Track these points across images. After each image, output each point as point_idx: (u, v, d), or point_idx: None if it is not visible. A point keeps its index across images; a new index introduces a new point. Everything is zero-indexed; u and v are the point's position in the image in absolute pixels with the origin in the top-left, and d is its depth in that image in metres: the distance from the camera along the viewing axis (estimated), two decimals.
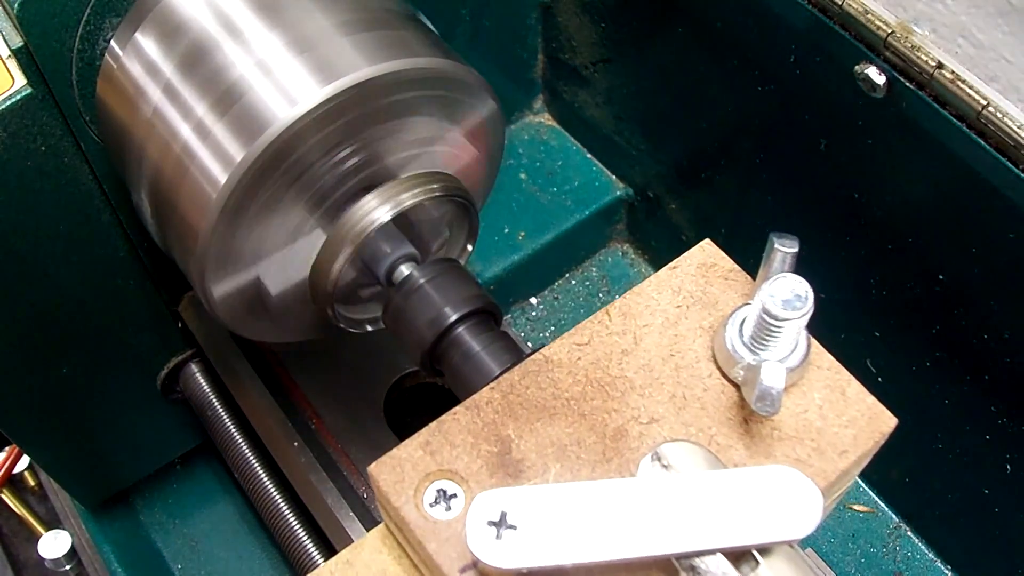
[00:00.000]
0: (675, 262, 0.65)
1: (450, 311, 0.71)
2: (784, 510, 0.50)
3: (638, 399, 0.59)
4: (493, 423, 0.58)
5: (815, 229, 1.03)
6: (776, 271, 0.56)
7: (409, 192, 0.72)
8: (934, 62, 0.78)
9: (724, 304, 0.63)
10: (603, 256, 1.39)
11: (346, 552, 0.60)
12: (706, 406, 0.59)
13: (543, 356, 0.61)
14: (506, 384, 0.60)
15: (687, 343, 0.61)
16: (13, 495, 1.30)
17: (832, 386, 0.60)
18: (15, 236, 0.82)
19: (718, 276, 0.65)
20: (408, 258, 0.75)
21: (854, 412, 0.59)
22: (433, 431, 0.58)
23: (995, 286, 0.86)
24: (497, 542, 0.49)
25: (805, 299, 0.54)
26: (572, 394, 0.59)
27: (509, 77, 1.35)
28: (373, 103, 0.69)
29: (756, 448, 0.57)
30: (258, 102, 0.67)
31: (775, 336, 0.56)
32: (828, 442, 0.58)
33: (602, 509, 0.50)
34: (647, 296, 0.64)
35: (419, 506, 0.55)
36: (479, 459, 0.57)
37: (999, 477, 0.96)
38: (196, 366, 1.09)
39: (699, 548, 0.50)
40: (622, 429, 0.58)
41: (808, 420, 0.58)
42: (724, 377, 0.60)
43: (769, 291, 0.54)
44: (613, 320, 0.63)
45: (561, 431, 0.58)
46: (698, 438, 0.58)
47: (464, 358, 0.71)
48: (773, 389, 0.54)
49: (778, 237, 0.56)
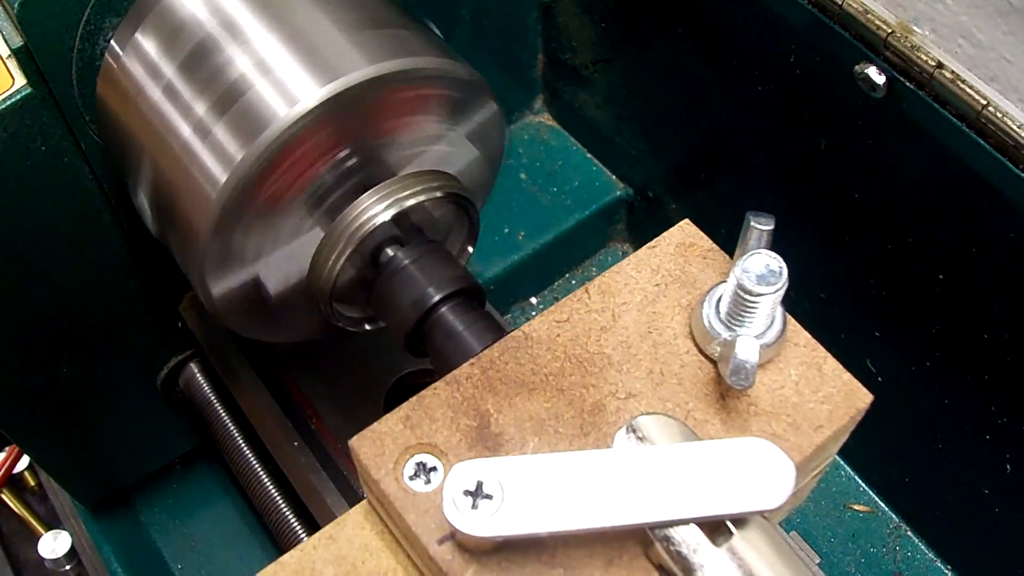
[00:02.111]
0: (654, 241, 0.66)
1: (433, 291, 0.72)
2: (757, 482, 0.51)
3: (616, 375, 0.60)
4: (472, 398, 0.59)
5: (815, 229, 1.03)
6: (752, 247, 0.56)
7: (410, 192, 0.72)
8: (934, 62, 0.78)
9: (702, 282, 0.64)
10: (603, 256, 1.39)
11: (329, 527, 0.61)
12: (683, 382, 0.60)
13: (523, 333, 0.61)
14: (486, 360, 0.60)
15: (665, 320, 0.62)
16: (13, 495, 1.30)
17: (808, 363, 0.60)
18: (15, 236, 0.82)
19: (697, 255, 0.65)
20: (393, 240, 0.75)
21: (830, 388, 0.59)
22: (413, 405, 0.58)
23: (995, 286, 0.86)
24: (473, 512, 0.50)
25: (779, 274, 0.55)
26: (551, 370, 0.60)
27: (509, 77, 1.35)
28: (373, 103, 0.69)
29: (732, 423, 0.58)
30: (258, 102, 0.67)
31: (751, 312, 0.57)
32: (804, 417, 0.58)
33: (577, 479, 0.51)
34: (626, 274, 0.64)
35: (399, 479, 0.56)
36: (458, 433, 0.57)
37: (999, 477, 0.96)
38: (196, 366, 1.09)
39: (673, 518, 0.50)
40: (600, 404, 0.59)
41: (784, 396, 0.59)
42: (701, 353, 0.61)
43: (743, 267, 0.55)
44: (592, 298, 0.63)
45: (539, 406, 0.58)
46: (675, 413, 0.58)
47: (447, 337, 0.71)
48: (747, 363, 0.54)
49: (754, 215, 0.57)
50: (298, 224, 0.73)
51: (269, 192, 0.69)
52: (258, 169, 0.67)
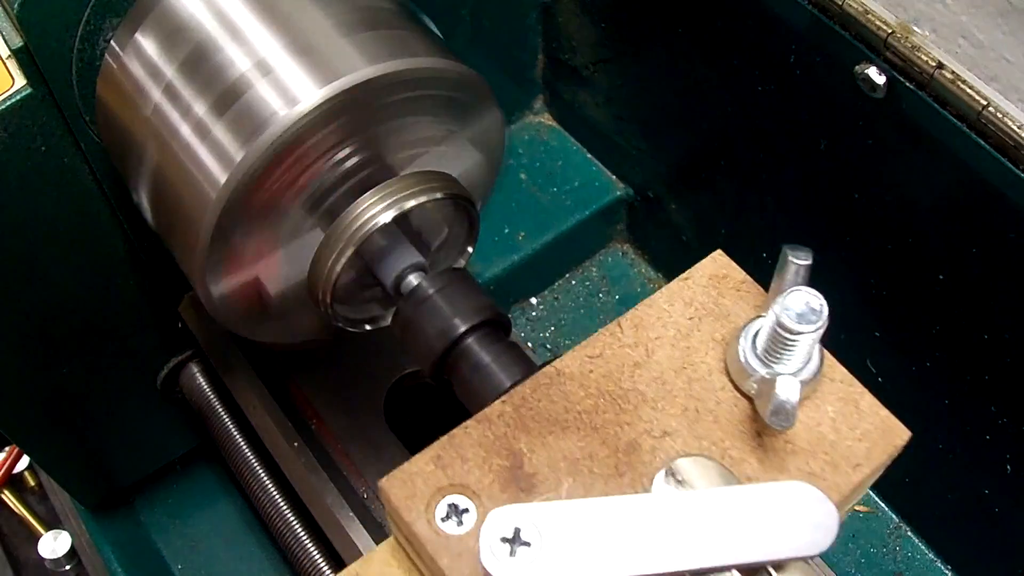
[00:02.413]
0: (687, 273, 0.65)
1: (459, 322, 0.70)
2: (799, 526, 0.50)
3: (651, 412, 0.59)
4: (505, 436, 0.57)
5: (815, 229, 1.03)
6: (790, 283, 0.55)
7: (410, 192, 0.72)
8: (934, 62, 0.78)
9: (736, 316, 0.62)
10: (603, 256, 1.39)
11: (355, 566, 0.59)
12: (719, 419, 0.58)
13: (555, 369, 0.60)
14: (518, 397, 0.59)
15: (699, 355, 0.61)
16: (13, 495, 1.30)
17: (845, 399, 0.59)
18: (15, 236, 0.82)
19: (730, 287, 0.64)
20: (416, 267, 0.75)
21: (867, 425, 0.58)
22: (444, 445, 0.57)
23: (995, 286, 0.86)
24: (511, 559, 0.49)
25: (820, 313, 0.54)
26: (584, 407, 0.59)
27: (509, 77, 1.35)
28: (373, 103, 0.69)
29: (769, 462, 0.57)
30: (258, 102, 0.67)
31: (789, 349, 0.56)
32: (842, 455, 0.57)
33: (617, 526, 0.50)
34: (659, 308, 0.63)
35: (431, 521, 0.54)
36: (491, 473, 0.56)
37: (999, 477, 0.96)
38: (196, 366, 1.09)
39: (714, 564, 0.50)
40: (635, 443, 0.57)
41: (821, 433, 0.58)
42: (737, 390, 0.59)
43: (783, 304, 0.54)
44: (625, 332, 0.62)
45: (573, 445, 0.57)
46: (711, 451, 0.57)
47: (473, 370, 0.70)
48: (788, 403, 0.53)
49: (791, 249, 0.56)
50: (298, 225, 0.73)
51: (269, 192, 0.69)
52: (258, 169, 0.67)
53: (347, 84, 0.67)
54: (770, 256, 1.13)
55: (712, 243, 1.25)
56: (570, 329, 1.32)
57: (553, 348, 1.30)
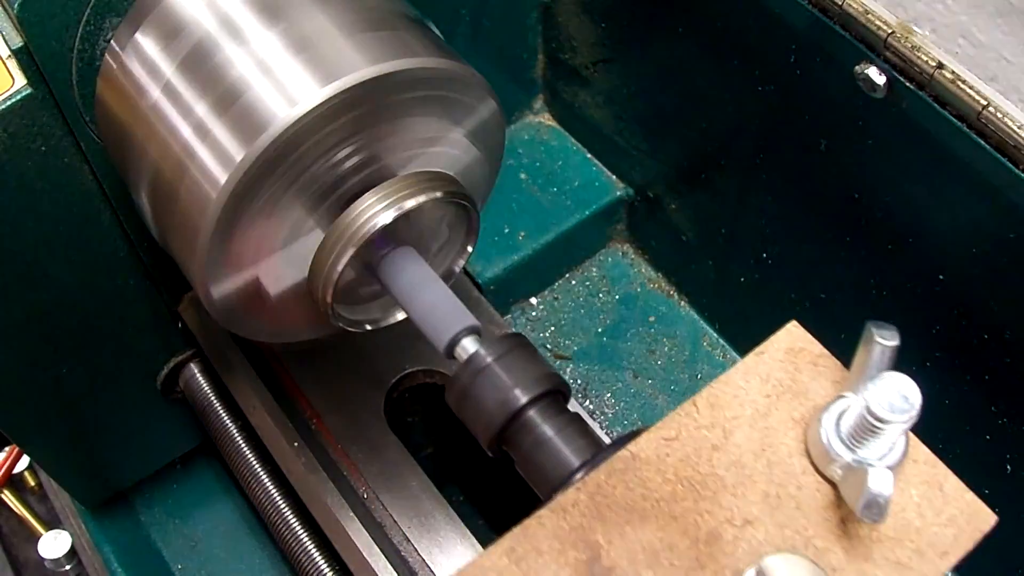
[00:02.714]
0: (761, 347, 0.62)
1: (520, 393, 0.68)
2: None
3: (730, 499, 0.56)
4: (580, 527, 0.55)
5: (815, 229, 1.03)
6: (875, 365, 0.54)
7: (410, 192, 0.72)
8: (934, 62, 0.78)
9: (815, 393, 0.60)
10: (603, 256, 1.39)
11: None
12: (801, 505, 0.56)
13: (630, 453, 0.58)
14: (592, 484, 0.57)
15: (778, 436, 0.59)
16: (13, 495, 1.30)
17: (930, 481, 0.58)
18: (15, 236, 0.82)
19: (807, 362, 0.62)
20: (471, 330, 0.72)
21: (953, 510, 0.56)
22: (517, 537, 0.54)
23: (995, 286, 0.86)
24: None
25: (913, 402, 0.52)
26: (662, 494, 0.56)
27: (509, 77, 1.35)
28: (373, 103, 0.69)
29: (855, 551, 0.55)
30: (258, 102, 0.67)
31: (878, 437, 0.54)
32: (928, 542, 0.55)
33: None
34: (735, 385, 0.61)
35: None
36: (567, 567, 0.53)
37: (999, 477, 0.96)
38: (196, 366, 1.09)
39: None
40: (715, 532, 0.55)
41: (907, 519, 0.56)
42: (818, 473, 0.57)
43: (875, 391, 0.52)
44: (700, 412, 0.60)
45: (652, 535, 0.55)
46: (794, 541, 0.55)
47: (536, 443, 0.68)
48: (881, 497, 0.51)
49: (876, 327, 0.54)
50: (298, 225, 0.73)
51: (269, 193, 0.69)
52: (258, 169, 0.67)
53: (348, 84, 0.66)
54: (770, 257, 1.13)
55: (712, 243, 1.26)
56: (570, 329, 1.32)
57: (553, 348, 1.30)
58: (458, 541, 0.89)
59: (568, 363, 1.28)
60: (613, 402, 1.25)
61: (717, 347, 1.29)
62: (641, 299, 1.34)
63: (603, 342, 1.30)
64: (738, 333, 1.28)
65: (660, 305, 1.34)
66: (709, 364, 1.28)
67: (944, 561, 0.55)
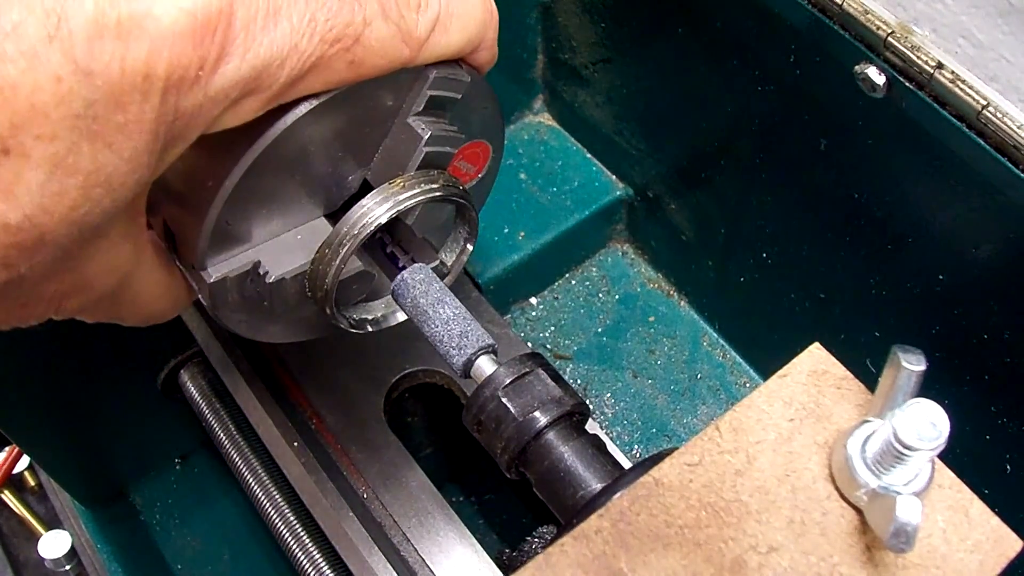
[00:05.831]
0: (784, 370, 0.62)
1: (540, 415, 0.68)
2: None
3: (755, 525, 0.55)
4: (604, 555, 0.54)
5: (815, 229, 1.04)
6: (901, 390, 0.53)
7: (409, 192, 0.72)
8: (934, 62, 0.78)
9: (838, 417, 0.60)
10: (603, 256, 1.39)
11: None
12: (826, 532, 0.55)
13: (652, 479, 0.57)
14: (615, 511, 0.56)
15: (802, 461, 0.58)
16: (13, 495, 1.30)
17: (955, 507, 0.57)
18: None
19: (830, 385, 0.61)
20: (487, 349, 0.71)
21: (978, 535, 0.56)
22: (541, 566, 0.53)
23: (995, 286, 0.86)
24: None
25: (941, 429, 0.52)
26: (685, 521, 0.55)
27: (509, 77, 1.35)
28: (372, 103, 0.69)
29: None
30: None
31: (904, 463, 0.53)
32: (954, 569, 0.54)
33: None
34: (758, 409, 0.60)
35: None
36: None
37: (999, 477, 0.96)
38: (196, 366, 1.10)
39: None
40: (740, 559, 0.54)
41: (932, 545, 0.55)
42: (843, 499, 0.57)
43: (903, 417, 0.52)
44: (724, 437, 0.59)
45: (676, 563, 0.54)
46: (820, 568, 0.54)
47: (555, 467, 0.67)
48: (909, 525, 0.50)
49: (903, 352, 0.53)
50: (297, 223, 0.73)
51: (268, 191, 0.69)
52: (256, 170, 0.67)
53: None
54: (770, 257, 1.13)
55: (712, 243, 1.26)
56: (570, 329, 1.32)
57: (553, 348, 1.30)
58: (458, 541, 0.89)
59: (568, 363, 1.28)
60: (613, 402, 1.25)
61: (717, 347, 1.30)
62: (641, 299, 1.34)
63: (603, 342, 1.30)
64: (738, 333, 1.28)
65: (660, 305, 1.34)
66: (709, 364, 1.28)
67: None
